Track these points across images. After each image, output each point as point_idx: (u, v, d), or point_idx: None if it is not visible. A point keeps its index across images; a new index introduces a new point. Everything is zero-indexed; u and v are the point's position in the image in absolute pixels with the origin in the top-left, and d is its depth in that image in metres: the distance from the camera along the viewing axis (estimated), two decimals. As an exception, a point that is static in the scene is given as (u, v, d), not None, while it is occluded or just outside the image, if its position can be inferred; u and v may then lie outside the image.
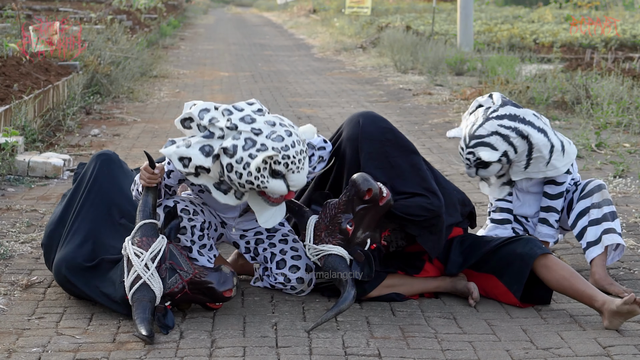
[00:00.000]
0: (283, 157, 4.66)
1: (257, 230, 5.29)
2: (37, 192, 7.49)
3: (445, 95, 13.31)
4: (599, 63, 13.73)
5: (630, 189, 7.68)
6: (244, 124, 4.71)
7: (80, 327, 4.70)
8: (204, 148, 4.71)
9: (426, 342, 4.57)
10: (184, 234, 5.04)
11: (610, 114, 10.53)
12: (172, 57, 19.51)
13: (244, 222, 5.27)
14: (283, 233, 5.27)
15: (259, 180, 4.68)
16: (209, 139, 4.73)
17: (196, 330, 4.67)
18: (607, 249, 5.31)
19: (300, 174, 4.74)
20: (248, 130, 4.68)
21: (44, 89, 10.22)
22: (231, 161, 4.66)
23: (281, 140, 4.67)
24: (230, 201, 4.85)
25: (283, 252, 5.20)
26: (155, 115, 11.79)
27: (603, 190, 5.43)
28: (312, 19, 33.34)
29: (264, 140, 4.66)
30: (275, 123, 4.74)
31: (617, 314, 4.68)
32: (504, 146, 5.31)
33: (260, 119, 4.74)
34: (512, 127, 5.31)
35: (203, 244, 5.12)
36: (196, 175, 4.79)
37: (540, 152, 5.35)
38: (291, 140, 4.70)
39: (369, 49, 20.64)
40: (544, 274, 4.93)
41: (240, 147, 4.66)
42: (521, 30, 20.98)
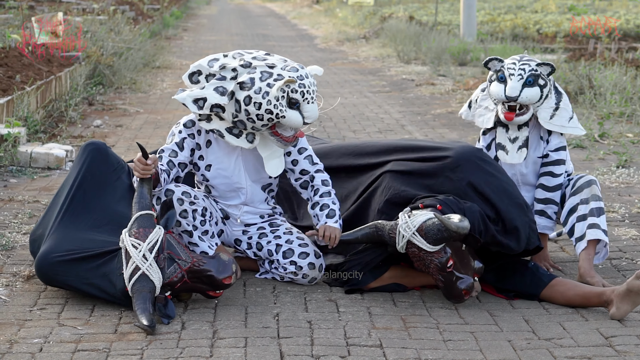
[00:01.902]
0: (300, 86, 4.90)
1: (260, 226, 5.31)
2: (40, 183, 7.49)
3: (448, 86, 13.29)
4: (602, 53, 13.70)
5: (634, 179, 7.67)
6: (257, 60, 4.97)
7: (81, 318, 4.70)
8: (217, 89, 4.93)
9: (428, 332, 4.56)
10: (185, 218, 5.06)
11: (614, 104, 10.51)
12: (174, 48, 19.49)
13: (248, 213, 5.28)
14: (286, 227, 5.30)
15: (277, 109, 4.89)
16: (222, 81, 4.95)
17: (198, 320, 4.67)
18: (594, 243, 5.28)
19: (314, 105, 4.96)
20: (262, 64, 4.94)
21: (46, 80, 10.21)
22: (249, 93, 4.89)
23: (296, 70, 4.93)
24: (242, 144, 5.03)
25: (289, 242, 5.21)
26: (158, 106, 11.78)
27: (592, 186, 5.42)
28: (315, 10, 33.31)
29: (280, 71, 4.92)
30: (286, 60, 4.99)
31: (627, 293, 4.66)
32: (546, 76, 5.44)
33: (272, 57, 5.00)
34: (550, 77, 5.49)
35: (205, 230, 5.12)
36: (208, 121, 5.01)
37: (567, 106, 5.47)
38: (304, 71, 4.97)
39: (372, 40, 20.62)
40: (547, 296, 4.97)
41: (257, 78, 4.90)
42: (524, 21, 20.93)
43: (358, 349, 4.35)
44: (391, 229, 4.87)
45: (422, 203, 4.90)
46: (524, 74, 5.37)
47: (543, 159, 5.49)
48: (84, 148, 5.26)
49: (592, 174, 7.70)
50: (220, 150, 5.15)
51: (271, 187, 5.34)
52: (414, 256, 4.84)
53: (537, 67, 5.38)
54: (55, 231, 4.99)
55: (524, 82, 5.36)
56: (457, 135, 9.59)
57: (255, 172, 5.21)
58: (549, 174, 5.48)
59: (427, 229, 4.74)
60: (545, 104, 5.42)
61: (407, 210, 4.89)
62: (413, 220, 4.79)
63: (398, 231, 4.83)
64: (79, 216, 5.06)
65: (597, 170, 7.90)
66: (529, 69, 5.38)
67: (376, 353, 4.30)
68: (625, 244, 5.94)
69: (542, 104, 5.42)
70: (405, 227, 4.80)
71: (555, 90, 5.48)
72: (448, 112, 11.15)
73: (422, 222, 4.76)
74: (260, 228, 5.31)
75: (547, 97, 5.42)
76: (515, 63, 5.41)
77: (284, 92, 4.87)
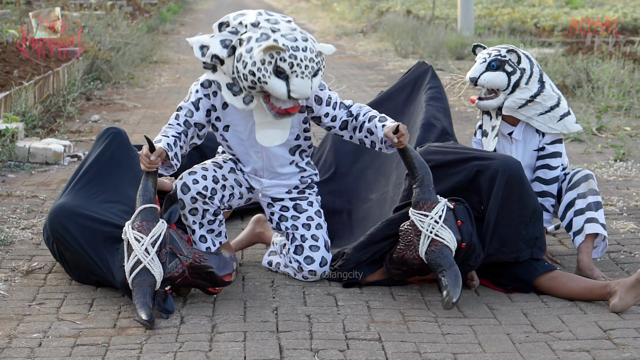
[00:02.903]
0: (290, 56, 4.67)
1: (284, 205, 5.22)
2: (38, 178, 7.49)
3: (446, 80, 13.28)
4: (600, 47, 13.70)
5: (631, 172, 7.67)
6: (267, 23, 4.78)
7: (81, 313, 4.70)
8: (224, 41, 4.80)
9: (427, 326, 4.57)
10: (194, 215, 5.05)
11: (611, 97, 10.51)
12: (172, 43, 19.47)
13: (273, 187, 5.21)
14: (308, 216, 5.21)
15: (260, 73, 4.70)
16: (233, 34, 4.82)
17: (197, 315, 4.67)
18: (592, 237, 5.29)
19: (303, 81, 4.71)
20: (267, 27, 4.75)
21: (44, 75, 10.20)
22: (242, 50, 4.74)
23: (294, 40, 4.71)
24: (236, 103, 4.87)
25: (303, 238, 5.16)
26: (156, 100, 11.78)
27: (590, 180, 5.42)
28: (312, 4, 33.28)
29: (278, 37, 4.71)
30: (296, 29, 4.79)
31: (635, 284, 4.67)
32: (527, 66, 5.42)
33: (286, 25, 4.79)
34: (539, 67, 5.46)
35: (211, 228, 5.12)
36: (214, 71, 4.88)
37: (544, 101, 5.42)
38: (305, 44, 4.72)
39: (369, 34, 20.60)
40: (547, 287, 4.96)
41: (254, 38, 4.72)
42: (522, 14, 20.92)
43: (357, 342, 4.35)
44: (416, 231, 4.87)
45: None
46: (488, 58, 5.43)
47: (539, 152, 5.49)
48: (105, 131, 5.30)
49: (590, 168, 7.71)
50: (236, 113, 5.03)
51: (300, 148, 5.19)
52: (407, 234, 4.84)
53: (507, 54, 5.40)
54: (68, 194, 5.04)
55: (486, 65, 5.42)
56: (455, 128, 9.57)
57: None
58: (545, 166, 5.48)
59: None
60: (519, 94, 5.41)
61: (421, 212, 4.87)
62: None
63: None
64: (92, 188, 5.11)
65: (595, 163, 7.91)
66: (496, 53, 5.42)
67: (375, 347, 4.30)
68: (624, 237, 5.94)
69: (514, 93, 5.41)
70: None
71: (540, 84, 5.44)
72: (446, 106, 11.13)
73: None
74: (283, 208, 5.23)
75: (521, 87, 5.40)
76: (489, 49, 5.49)
77: (272, 57, 4.67)
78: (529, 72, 5.40)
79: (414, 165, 4.88)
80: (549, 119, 5.41)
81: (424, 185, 4.84)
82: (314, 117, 5.12)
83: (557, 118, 5.42)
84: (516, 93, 5.39)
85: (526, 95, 5.39)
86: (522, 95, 5.39)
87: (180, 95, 12.17)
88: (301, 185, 5.26)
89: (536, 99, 5.40)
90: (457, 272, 4.68)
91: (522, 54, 5.44)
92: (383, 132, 4.93)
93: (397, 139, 4.85)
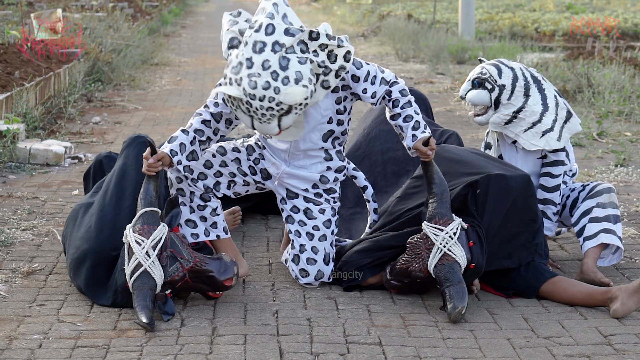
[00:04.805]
0: (247, 103, 4.63)
1: (295, 205, 5.19)
2: (38, 180, 7.49)
3: (447, 84, 13.29)
4: (601, 52, 13.71)
5: (632, 177, 7.67)
6: (250, 48, 4.65)
7: (81, 315, 4.70)
8: (232, 40, 4.80)
9: (427, 330, 4.57)
10: (182, 196, 5.08)
11: (612, 102, 10.52)
12: (173, 45, 19.47)
13: (289, 177, 5.16)
14: (314, 225, 5.16)
15: (229, 104, 4.72)
16: (241, 35, 4.78)
17: (197, 318, 4.67)
18: (602, 246, 5.31)
19: (263, 125, 4.68)
20: (246, 57, 4.63)
21: (45, 77, 10.21)
22: (226, 69, 4.73)
23: (253, 87, 4.59)
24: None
25: (302, 249, 5.14)
26: (157, 103, 11.78)
27: (611, 193, 5.45)
28: (313, 7, 33.30)
29: (245, 75, 4.61)
30: (269, 68, 4.59)
31: (638, 289, 4.68)
32: (507, 82, 5.44)
33: (265, 55, 4.62)
34: (527, 79, 5.46)
35: (203, 215, 5.13)
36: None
37: (526, 117, 5.43)
38: (262, 93, 4.58)
39: (370, 38, 20.61)
40: (548, 292, 4.97)
41: (231, 65, 4.69)
42: (523, 19, 20.94)
43: (357, 346, 4.35)
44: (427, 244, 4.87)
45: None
46: (472, 76, 5.53)
47: (543, 159, 5.51)
48: (133, 140, 5.23)
49: (591, 173, 7.71)
50: None
51: (334, 135, 5.13)
52: (416, 246, 4.85)
53: (488, 71, 5.46)
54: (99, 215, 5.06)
55: (471, 83, 5.53)
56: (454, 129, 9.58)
57: (306, 117, 5.01)
58: (547, 174, 5.49)
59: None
60: (503, 109, 5.43)
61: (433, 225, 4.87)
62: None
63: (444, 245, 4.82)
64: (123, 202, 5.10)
65: (595, 168, 7.91)
66: (479, 71, 5.50)
67: (375, 351, 4.30)
68: (624, 243, 5.94)
69: (498, 109, 5.44)
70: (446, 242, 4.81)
71: (525, 98, 5.43)
72: (447, 110, 11.15)
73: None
74: (294, 208, 5.20)
75: (503, 103, 5.41)
76: (480, 65, 5.56)
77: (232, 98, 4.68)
78: (510, 87, 5.42)
79: (433, 180, 4.90)
80: (531, 135, 5.43)
81: (442, 201, 4.86)
82: (353, 94, 5.04)
83: (539, 134, 5.43)
84: (500, 109, 5.45)
85: (509, 111, 5.43)
86: (506, 111, 5.44)
87: (181, 98, 12.17)
88: (320, 186, 5.19)
89: (519, 115, 5.42)
90: (464, 289, 4.69)
91: (507, 68, 5.45)
92: (413, 143, 4.92)
93: (428, 152, 4.87)
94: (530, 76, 5.47)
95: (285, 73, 4.61)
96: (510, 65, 5.48)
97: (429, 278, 4.82)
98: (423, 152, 4.87)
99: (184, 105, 11.54)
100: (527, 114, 5.41)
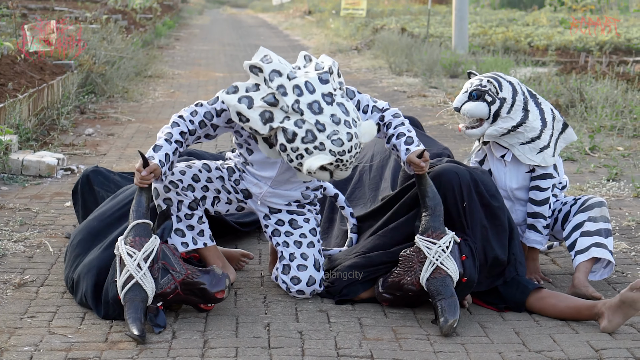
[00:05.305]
0: (337, 161, 4.70)
1: (280, 219, 5.24)
2: (31, 191, 7.48)
3: (440, 98, 13.31)
4: (594, 66, 13.75)
5: (624, 192, 7.69)
6: (310, 113, 4.70)
7: (72, 326, 4.69)
8: (264, 114, 4.74)
9: (418, 343, 4.57)
10: (169, 205, 5.07)
11: (604, 117, 10.54)
12: (167, 57, 19.48)
13: (274, 197, 5.21)
14: (302, 233, 5.22)
15: (305, 169, 4.72)
16: (273, 106, 4.74)
17: (189, 330, 4.66)
18: (593, 260, 5.31)
19: (346, 172, 4.78)
20: (312, 122, 4.68)
21: (38, 88, 10.20)
22: (286, 144, 4.71)
23: (340, 145, 4.68)
24: (273, 155, 4.94)
25: (292, 257, 5.17)
26: (150, 115, 11.78)
27: (603, 207, 5.46)
28: (307, 21, 33.34)
29: (324, 139, 4.67)
30: (340, 121, 4.71)
31: (620, 305, 4.68)
32: (508, 95, 5.42)
33: (327, 110, 4.71)
34: (525, 94, 5.46)
35: (190, 224, 5.13)
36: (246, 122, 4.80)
37: (526, 132, 5.41)
38: (350, 145, 4.70)
39: (364, 51, 20.64)
40: (538, 308, 4.98)
41: (300, 137, 4.68)
42: (516, 33, 20.98)
43: (349, 359, 4.35)
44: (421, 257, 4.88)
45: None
46: (470, 87, 5.48)
47: (531, 173, 5.51)
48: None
49: (583, 187, 7.72)
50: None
51: None
52: (408, 260, 4.86)
53: (487, 84, 5.43)
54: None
55: (468, 95, 5.47)
56: (449, 146, 9.59)
57: None
58: (536, 188, 5.49)
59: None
60: (501, 123, 5.42)
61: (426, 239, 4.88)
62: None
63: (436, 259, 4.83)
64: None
65: (587, 183, 7.92)
66: (477, 83, 5.46)
67: (367, 364, 4.30)
68: (616, 257, 5.95)
69: (496, 122, 5.43)
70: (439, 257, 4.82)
71: (524, 113, 5.44)
72: (440, 124, 11.17)
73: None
74: (279, 221, 5.24)
75: (502, 116, 5.41)
76: (474, 78, 5.53)
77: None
78: (510, 101, 5.41)
79: (427, 194, 4.91)
80: (529, 150, 5.43)
81: (435, 214, 4.87)
82: None
83: (537, 150, 5.43)
84: (498, 122, 5.42)
85: (508, 125, 5.41)
86: (505, 124, 5.41)
87: (174, 110, 12.17)
88: (302, 200, 5.27)
89: (518, 129, 5.41)
90: (456, 302, 4.69)
91: (505, 82, 5.44)
92: (407, 156, 4.95)
93: (422, 163, 4.89)
94: (527, 91, 5.49)
95: (350, 116, 4.74)
96: (508, 79, 5.48)
97: (422, 291, 4.82)
98: (417, 164, 4.88)
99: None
100: (527, 129, 5.40)
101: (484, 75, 5.50)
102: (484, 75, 5.50)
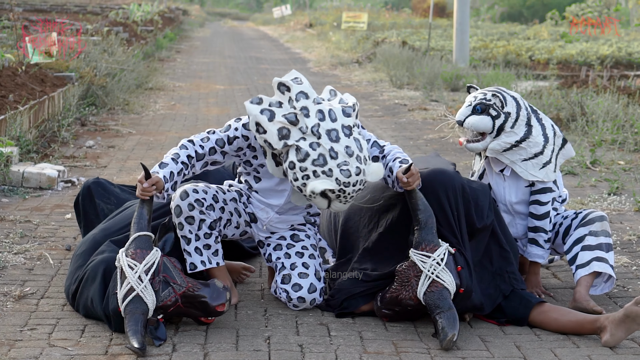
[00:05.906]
0: (340, 191, 4.77)
1: (281, 235, 5.30)
2: (31, 203, 7.48)
3: (441, 111, 13.33)
4: (595, 80, 13.76)
5: (625, 206, 7.68)
6: (327, 139, 4.79)
7: (72, 339, 4.68)
8: (282, 130, 4.81)
9: (419, 357, 4.56)
10: (190, 224, 5.06)
11: (605, 131, 10.54)
12: (167, 70, 19.51)
13: (280, 222, 5.28)
14: (303, 245, 5.28)
15: (308, 195, 4.81)
16: (292, 125, 4.81)
17: (189, 343, 4.65)
18: (594, 274, 5.31)
19: (345, 205, 4.87)
20: (327, 148, 4.78)
21: (39, 100, 10.21)
22: (296, 162, 4.78)
23: (347, 176, 4.76)
24: (276, 173, 5.00)
25: (293, 266, 5.19)
26: (151, 127, 11.79)
27: (604, 221, 5.45)
28: (308, 33, 33.40)
29: (334, 166, 4.76)
30: (353, 154, 4.80)
31: (624, 319, 4.67)
32: (512, 109, 5.40)
33: (343, 141, 4.81)
34: (528, 109, 5.45)
35: (207, 243, 5.12)
36: (262, 133, 4.88)
37: (529, 147, 5.40)
38: (356, 179, 4.79)
39: (364, 64, 20.67)
40: (539, 322, 4.97)
41: (311, 158, 4.77)
42: (517, 47, 21.02)
43: (349, 373, 4.34)
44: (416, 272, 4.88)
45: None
46: (474, 101, 5.46)
47: (530, 187, 5.50)
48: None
49: (584, 201, 7.72)
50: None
51: None
52: (404, 274, 4.86)
53: (492, 98, 5.42)
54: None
55: (472, 108, 5.45)
56: (450, 160, 9.59)
57: None
58: (536, 202, 5.48)
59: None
60: (504, 137, 5.42)
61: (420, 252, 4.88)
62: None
63: None
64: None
65: (588, 197, 7.92)
66: (481, 97, 5.44)
67: (367, 378, 4.29)
68: (617, 271, 5.94)
69: (499, 136, 5.42)
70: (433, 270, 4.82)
71: (527, 128, 5.42)
72: (440, 137, 11.17)
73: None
74: (281, 238, 5.30)
75: (506, 131, 5.40)
76: (477, 92, 5.51)
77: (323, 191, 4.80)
78: (515, 115, 5.40)
79: (418, 207, 4.91)
80: (531, 166, 5.42)
81: (427, 227, 4.87)
82: None
83: (540, 165, 5.43)
84: (502, 137, 5.41)
85: (512, 140, 5.40)
86: (508, 139, 5.40)
87: (175, 122, 12.19)
88: (305, 222, 5.37)
89: (521, 144, 5.40)
90: (455, 315, 4.68)
91: (509, 97, 5.43)
92: (395, 172, 4.98)
93: (405, 179, 4.90)
94: (529, 106, 5.48)
95: (363, 153, 4.84)
96: (511, 94, 5.47)
97: (420, 305, 4.82)
98: (402, 180, 4.91)
99: (177, 130, 11.55)
100: (530, 145, 5.39)
101: (486, 90, 5.49)
102: (487, 90, 5.49)
